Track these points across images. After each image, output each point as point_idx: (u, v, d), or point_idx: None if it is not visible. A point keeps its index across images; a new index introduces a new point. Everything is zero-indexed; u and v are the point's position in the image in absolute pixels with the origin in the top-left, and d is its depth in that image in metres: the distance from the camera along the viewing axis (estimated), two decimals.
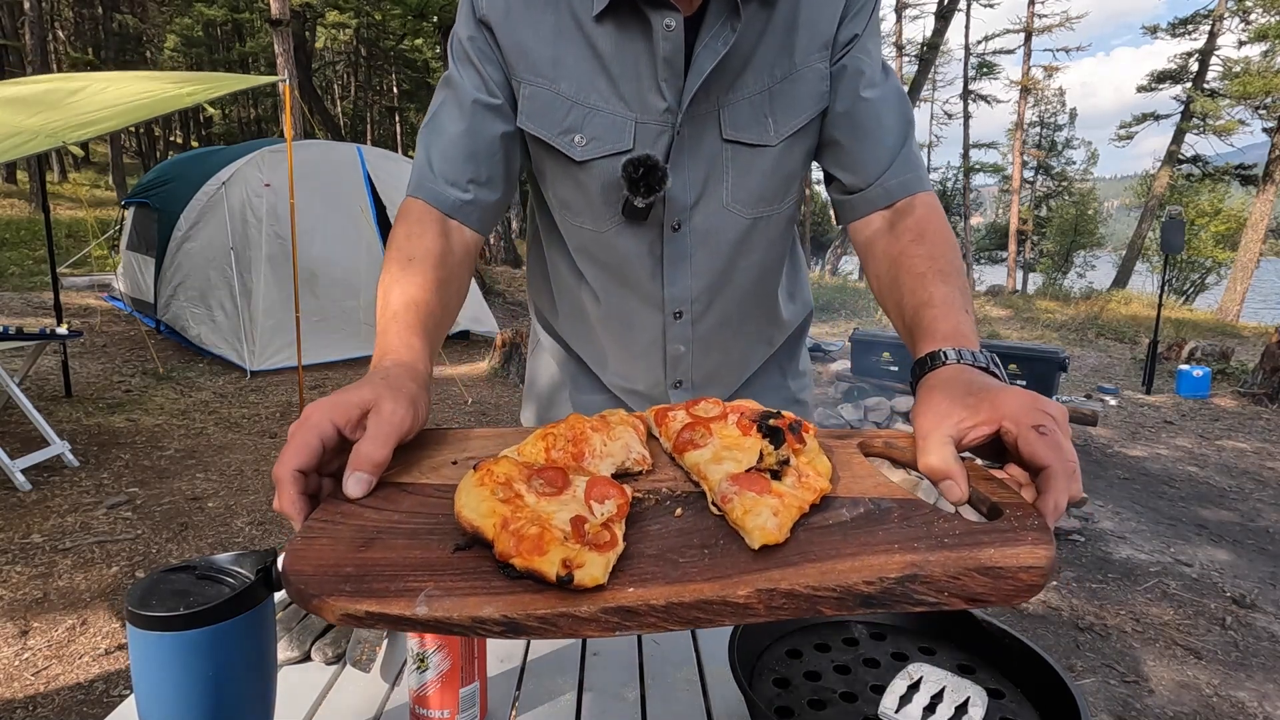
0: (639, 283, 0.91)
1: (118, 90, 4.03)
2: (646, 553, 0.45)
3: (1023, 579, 0.41)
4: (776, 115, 0.85)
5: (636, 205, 0.82)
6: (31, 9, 14.51)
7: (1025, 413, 0.51)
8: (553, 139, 0.84)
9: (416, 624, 0.42)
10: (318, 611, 0.43)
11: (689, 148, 0.85)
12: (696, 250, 0.89)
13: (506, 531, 0.44)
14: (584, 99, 0.83)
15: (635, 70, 0.81)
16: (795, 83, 0.84)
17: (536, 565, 0.43)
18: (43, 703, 2.02)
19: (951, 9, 16.36)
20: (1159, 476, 4.48)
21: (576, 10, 0.81)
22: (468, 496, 0.48)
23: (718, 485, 0.49)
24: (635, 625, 0.42)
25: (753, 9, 0.80)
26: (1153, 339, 7.07)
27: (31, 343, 4.03)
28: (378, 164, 6.58)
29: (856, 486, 0.52)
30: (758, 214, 0.89)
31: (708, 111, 0.83)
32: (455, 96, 0.85)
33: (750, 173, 0.87)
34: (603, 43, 0.81)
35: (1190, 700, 2.25)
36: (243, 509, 3.38)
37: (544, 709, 0.71)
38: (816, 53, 0.84)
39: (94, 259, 8.95)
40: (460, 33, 0.86)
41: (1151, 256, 20.98)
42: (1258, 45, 16.47)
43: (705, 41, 0.79)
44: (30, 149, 3.49)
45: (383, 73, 27.62)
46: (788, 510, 0.46)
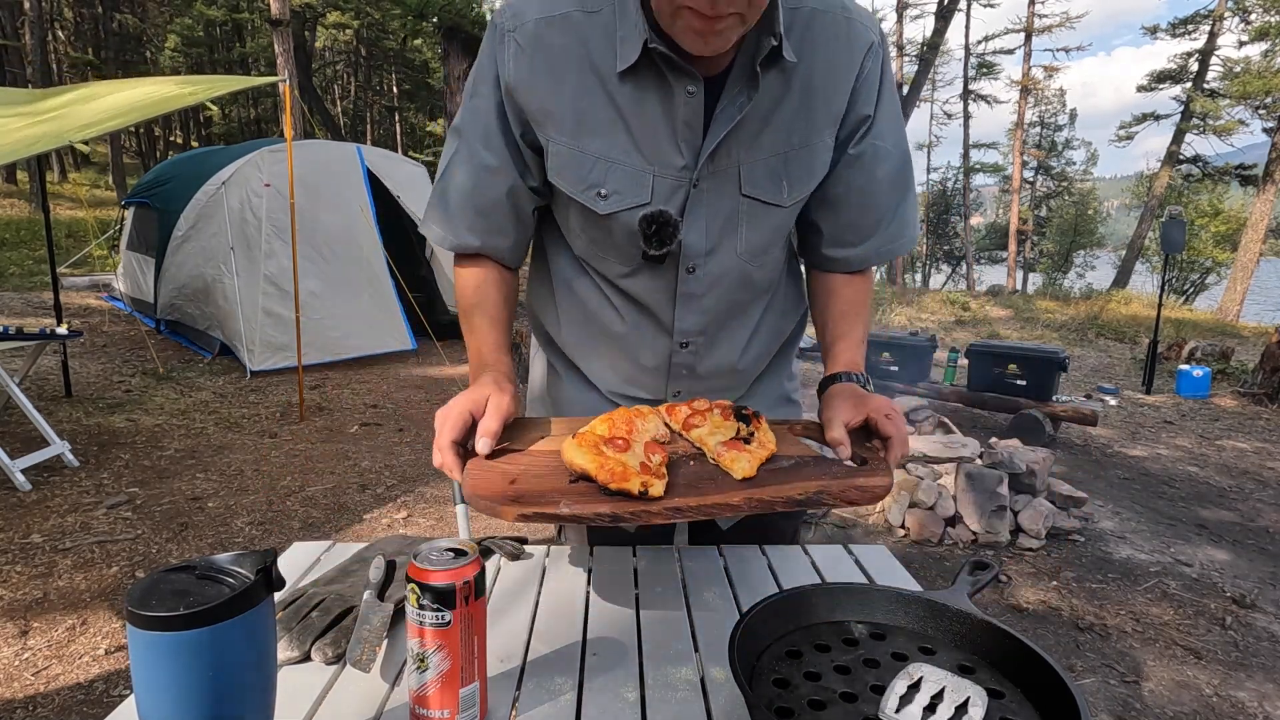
0: (653, 313, 1.00)
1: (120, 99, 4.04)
2: (679, 483, 0.78)
3: (877, 491, 0.76)
4: (791, 179, 0.92)
5: (651, 255, 0.91)
6: (31, 9, 14.51)
7: (879, 408, 0.86)
8: (578, 194, 0.91)
9: (562, 518, 0.72)
10: (501, 515, 0.71)
11: (707, 200, 0.91)
12: (708, 292, 0.98)
13: (603, 470, 0.75)
14: (606, 153, 0.88)
15: (655, 127, 0.86)
16: (809, 151, 0.91)
17: (626, 486, 0.73)
18: (43, 703, 2.02)
19: (951, 9, 16.35)
20: (1159, 476, 4.48)
21: (599, 66, 0.85)
22: (573, 452, 0.78)
23: (714, 447, 0.84)
24: (679, 516, 0.74)
25: (771, 75, 0.85)
26: (1153, 339, 7.08)
27: (31, 343, 4.03)
28: (378, 164, 6.58)
29: (790, 450, 0.88)
30: (759, 263, 0.99)
31: (727, 167, 0.89)
32: (466, 153, 0.93)
33: (761, 228, 0.95)
34: (624, 99, 0.85)
35: (1190, 700, 2.25)
36: (243, 509, 3.38)
37: (544, 709, 0.71)
38: (829, 126, 0.91)
39: (94, 259, 8.96)
40: (480, 88, 0.91)
41: (1151, 256, 20.97)
42: (1258, 45, 16.48)
43: (724, 105, 0.85)
44: (36, 150, 3.52)
45: (383, 73, 27.62)
46: (754, 459, 0.81)
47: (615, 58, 0.84)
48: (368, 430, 4.65)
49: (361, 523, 3.30)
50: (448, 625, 0.63)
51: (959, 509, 3.38)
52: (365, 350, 6.32)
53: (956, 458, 3.53)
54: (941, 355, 6.45)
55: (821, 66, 0.89)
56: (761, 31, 0.82)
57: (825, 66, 0.89)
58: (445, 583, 0.62)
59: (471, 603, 0.64)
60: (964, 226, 26.30)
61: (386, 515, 3.39)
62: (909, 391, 5.29)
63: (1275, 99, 15.11)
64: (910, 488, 3.47)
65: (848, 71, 0.90)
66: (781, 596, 0.75)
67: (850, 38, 0.90)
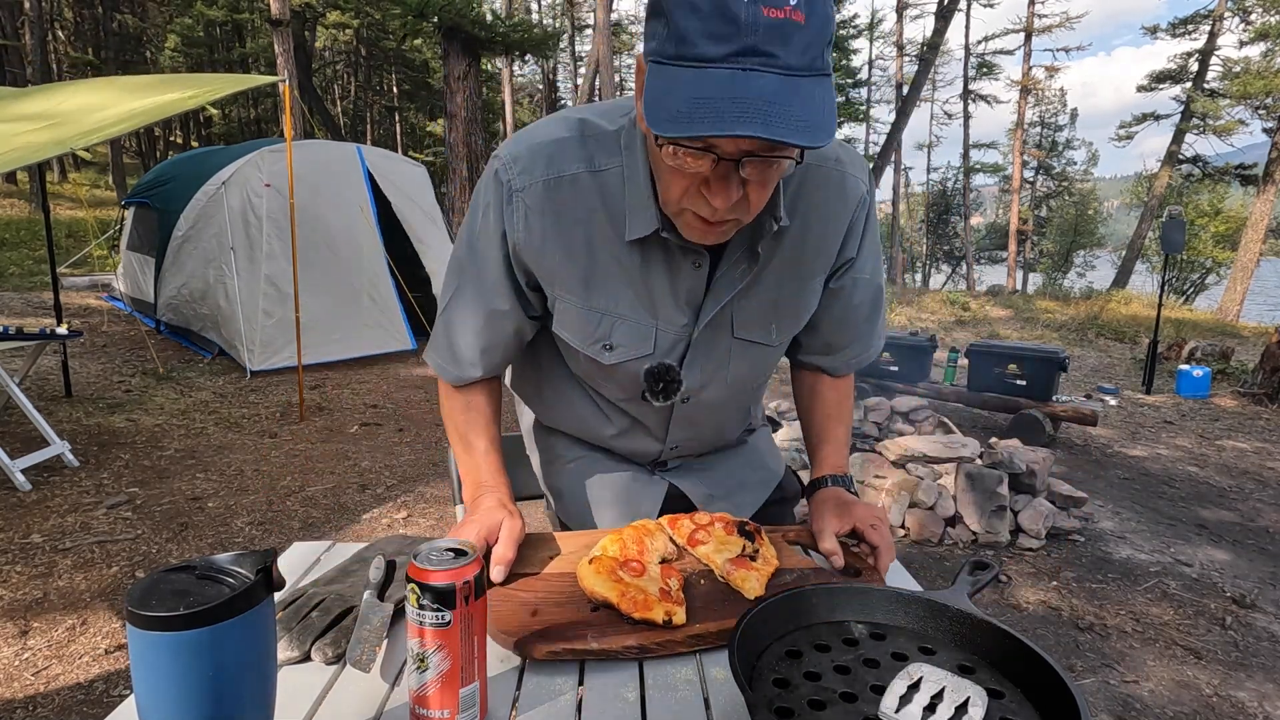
0: (645, 427, 1.07)
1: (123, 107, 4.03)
2: (695, 605, 0.82)
3: None
4: (780, 323, 0.98)
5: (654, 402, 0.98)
6: (31, 9, 14.51)
7: (865, 518, 0.94)
8: (584, 348, 0.95)
9: (592, 653, 0.75)
10: (530, 654, 0.75)
11: (703, 348, 0.97)
12: (699, 415, 1.06)
13: (626, 598, 0.79)
14: (612, 309, 0.92)
15: (659, 287, 0.90)
16: (798, 299, 0.97)
17: (650, 616, 0.77)
18: (43, 703, 2.02)
19: (951, 9, 16.35)
20: (1159, 476, 4.48)
21: (607, 230, 0.87)
22: (592, 580, 0.81)
23: (722, 565, 0.88)
24: (701, 644, 0.78)
25: (767, 242, 0.88)
26: (1153, 339, 7.07)
27: (31, 343, 4.03)
28: (378, 164, 6.57)
29: (790, 562, 0.93)
30: (748, 388, 1.08)
31: (721, 319, 0.95)
32: (473, 294, 0.94)
33: (751, 364, 1.02)
34: (630, 261, 0.89)
35: (1190, 700, 2.25)
36: (243, 509, 3.38)
37: (544, 709, 0.71)
38: (820, 274, 0.97)
39: (94, 259, 8.96)
40: (485, 235, 0.91)
41: (1151, 256, 20.96)
42: (1258, 45, 16.47)
43: (724, 271, 0.89)
44: (37, 157, 3.52)
45: (383, 73, 27.60)
46: (762, 577, 0.86)
47: (624, 223, 0.86)
48: (368, 430, 4.65)
49: (361, 523, 3.30)
50: (448, 625, 0.63)
51: (959, 509, 3.38)
52: (365, 350, 6.31)
53: (956, 458, 3.53)
54: (941, 355, 6.44)
55: (815, 221, 0.92)
56: (763, 213, 0.83)
57: (819, 221, 0.92)
58: (445, 583, 0.62)
59: (471, 603, 0.64)
60: (964, 226, 26.29)
61: (386, 515, 3.39)
62: (909, 391, 5.29)
63: (1275, 99, 15.10)
64: (910, 488, 3.47)
65: (839, 224, 0.94)
66: (781, 597, 0.75)
67: (843, 190, 0.93)
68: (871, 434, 4.38)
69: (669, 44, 0.67)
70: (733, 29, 0.63)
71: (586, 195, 0.86)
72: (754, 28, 0.62)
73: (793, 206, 0.89)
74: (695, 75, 0.65)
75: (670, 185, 0.77)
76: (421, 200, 6.89)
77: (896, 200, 26.31)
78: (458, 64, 10.19)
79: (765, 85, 0.63)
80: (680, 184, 0.75)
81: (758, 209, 0.78)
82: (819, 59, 0.66)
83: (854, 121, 25.76)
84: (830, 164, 0.91)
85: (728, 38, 0.63)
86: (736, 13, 0.62)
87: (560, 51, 28.24)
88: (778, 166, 0.73)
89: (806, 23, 0.64)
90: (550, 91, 29.65)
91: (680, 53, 0.65)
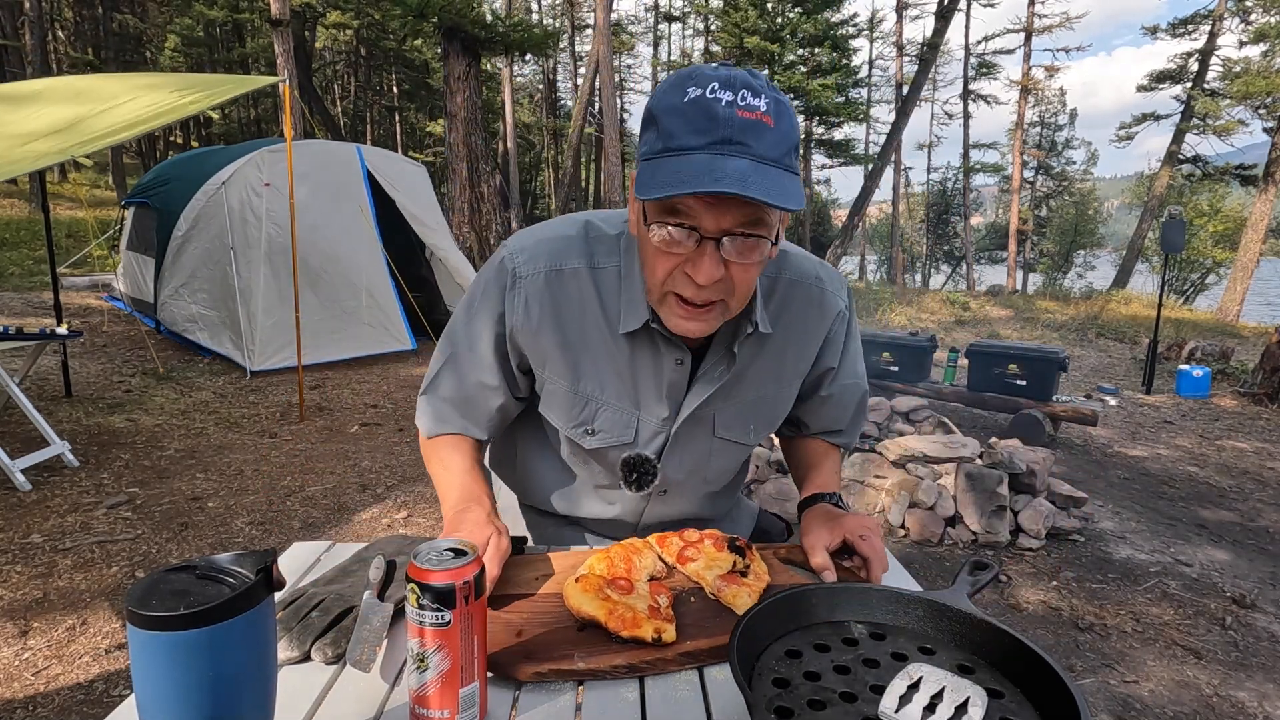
0: (623, 512, 1.10)
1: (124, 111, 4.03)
2: (686, 622, 0.81)
3: None
4: (757, 423, 1.04)
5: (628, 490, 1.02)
6: (31, 9, 14.50)
7: (854, 530, 0.93)
8: (567, 430, 1.00)
9: (579, 673, 0.73)
10: (516, 675, 0.73)
11: (683, 442, 1.01)
12: (675, 504, 1.10)
13: (614, 616, 0.76)
14: (598, 395, 0.97)
15: (644, 380, 0.97)
16: (775, 402, 1.04)
17: (638, 634, 0.75)
18: (43, 703, 2.02)
19: (951, 9, 16.34)
20: (1159, 476, 4.48)
21: (601, 322, 0.94)
22: (579, 599, 0.79)
23: (713, 582, 0.87)
24: (693, 661, 0.77)
25: (748, 344, 0.96)
26: (1153, 339, 7.07)
27: (31, 343, 4.03)
28: (378, 164, 6.57)
29: (781, 579, 0.92)
30: (726, 480, 1.14)
31: (703, 415, 1.00)
32: (465, 367, 0.99)
33: (729, 460, 1.08)
34: (620, 353, 0.95)
35: (1190, 700, 2.25)
36: (243, 509, 3.38)
37: (544, 709, 0.71)
38: (796, 379, 1.05)
39: (94, 259, 8.95)
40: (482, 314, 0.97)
41: (1151, 256, 20.95)
42: (1258, 45, 16.45)
43: (705, 371, 0.96)
44: (39, 164, 3.55)
45: (383, 73, 27.59)
46: (754, 593, 0.84)
47: (619, 317, 0.93)
48: (368, 430, 4.65)
49: (361, 523, 3.30)
50: (448, 625, 0.63)
51: (959, 509, 3.38)
52: (365, 350, 6.31)
53: (956, 458, 3.53)
54: (941, 355, 6.44)
55: (795, 333, 1.00)
56: (741, 316, 0.91)
57: (798, 333, 1.01)
58: (445, 583, 0.62)
59: (471, 603, 0.64)
60: (964, 226, 26.28)
61: (386, 515, 3.39)
62: (909, 391, 5.29)
63: (1275, 99, 15.09)
64: (910, 488, 3.47)
65: (818, 335, 1.03)
66: (781, 596, 0.75)
67: (823, 306, 1.01)
68: (871, 434, 4.38)
69: (658, 143, 0.77)
70: (712, 124, 0.73)
71: (584, 288, 0.94)
72: (730, 123, 0.73)
73: (776, 318, 0.97)
74: (680, 159, 0.75)
75: (656, 267, 0.82)
76: (422, 200, 6.89)
77: (896, 200, 26.28)
78: (458, 64, 10.18)
79: (740, 165, 0.73)
80: (665, 264, 0.81)
81: (742, 292, 0.83)
82: (787, 157, 0.76)
83: (854, 121, 25.72)
84: (811, 280, 1.00)
85: (707, 130, 0.74)
86: (715, 112, 0.73)
87: (560, 51, 28.24)
88: (757, 247, 0.79)
89: (775, 125, 0.75)
90: (550, 91, 29.65)
91: (667, 146, 0.76)
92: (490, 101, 22.71)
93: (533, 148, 29.45)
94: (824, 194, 34.32)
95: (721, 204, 0.75)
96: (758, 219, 0.77)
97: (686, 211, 0.77)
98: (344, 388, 5.59)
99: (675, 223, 0.77)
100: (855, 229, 19.68)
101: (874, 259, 31.32)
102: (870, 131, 28.47)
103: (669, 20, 28.99)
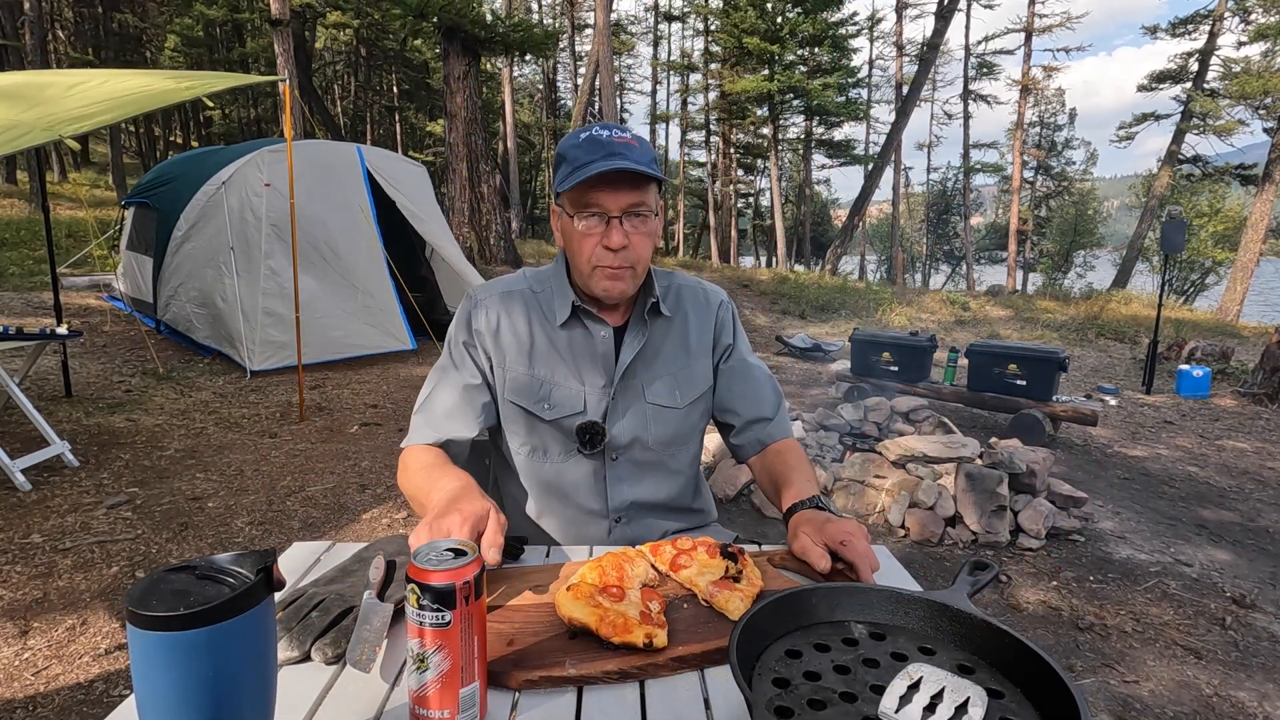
0: (588, 500, 1.27)
1: (115, 85, 3.99)
2: (678, 628, 0.81)
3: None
4: (681, 389, 1.29)
5: (585, 452, 1.24)
6: (31, 9, 14.50)
7: (835, 535, 0.97)
8: (530, 406, 1.24)
9: (570, 679, 0.73)
10: (507, 684, 0.72)
11: (622, 407, 1.25)
12: (628, 474, 1.27)
13: (605, 623, 0.77)
14: (549, 377, 1.23)
15: (583, 359, 1.24)
16: (690, 370, 1.30)
17: (629, 639, 0.76)
18: (43, 703, 2.02)
19: (951, 9, 16.34)
20: (1159, 476, 4.48)
21: (544, 319, 1.25)
22: (570, 606, 0.79)
23: (705, 588, 0.88)
24: (684, 666, 0.77)
25: (658, 324, 1.28)
26: (1153, 339, 7.08)
27: (31, 343, 4.03)
28: (378, 164, 6.57)
29: (775, 584, 0.93)
30: (672, 451, 1.30)
31: (636, 385, 1.26)
32: (453, 380, 1.24)
33: (666, 424, 1.28)
34: (560, 340, 1.24)
35: (1190, 700, 2.25)
36: (243, 509, 3.38)
37: (544, 709, 0.71)
38: (702, 353, 1.32)
39: (94, 259, 8.95)
40: (458, 336, 1.26)
41: (1151, 256, 20.97)
42: (1258, 45, 16.46)
43: (627, 341, 1.25)
44: (26, 143, 3.42)
45: (383, 73, 27.58)
46: (747, 599, 0.85)
47: (555, 315, 1.23)
48: (368, 430, 4.65)
49: (361, 523, 3.30)
50: (448, 625, 0.63)
51: (959, 509, 3.38)
52: (365, 350, 6.31)
53: (956, 458, 3.53)
54: (941, 355, 6.45)
55: (692, 317, 1.31)
56: (646, 294, 1.25)
57: (694, 316, 1.31)
58: (445, 583, 0.62)
59: (471, 603, 0.64)
60: (964, 226, 26.28)
61: (386, 515, 3.39)
62: (909, 391, 5.29)
63: (1275, 99, 15.09)
64: (910, 488, 3.47)
65: (709, 316, 1.33)
66: (781, 596, 0.75)
67: (707, 298, 1.35)
68: (871, 434, 4.38)
69: (567, 168, 1.13)
70: (600, 148, 1.12)
71: (528, 300, 1.26)
72: (611, 145, 1.12)
73: (674, 308, 1.30)
74: (584, 169, 1.10)
75: (582, 250, 1.16)
76: (422, 200, 6.89)
77: (896, 200, 26.28)
78: (458, 64, 10.18)
79: (624, 163, 1.09)
80: (589, 245, 1.14)
81: (643, 255, 1.17)
82: (652, 164, 1.13)
83: (854, 121, 25.72)
84: (695, 284, 1.36)
85: (597, 150, 1.11)
86: (600, 139, 1.13)
87: (560, 51, 28.23)
88: (646, 222, 1.15)
89: (639, 146, 1.14)
90: (550, 91, 29.65)
91: (574, 167, 1.12)
92: (490, 101, 22.70)
93: (533, 148, 29.45)
94: (824, 194, 34.31)
95: (617, 191, 1.11)
96: (642, 201, 1.13)
97: (594, 203, 1.12)
98: (344, 388, 5.59)
99: (589, 212, 1.13)
100: (855, 229, 19.68)
101: (874, 259, 31.33)
102: (870, 131, 28.49)
103: (669, 20, 28.98)
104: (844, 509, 3.62)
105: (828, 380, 6.38)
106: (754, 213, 32.17)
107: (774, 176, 22.92)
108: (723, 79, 23.10)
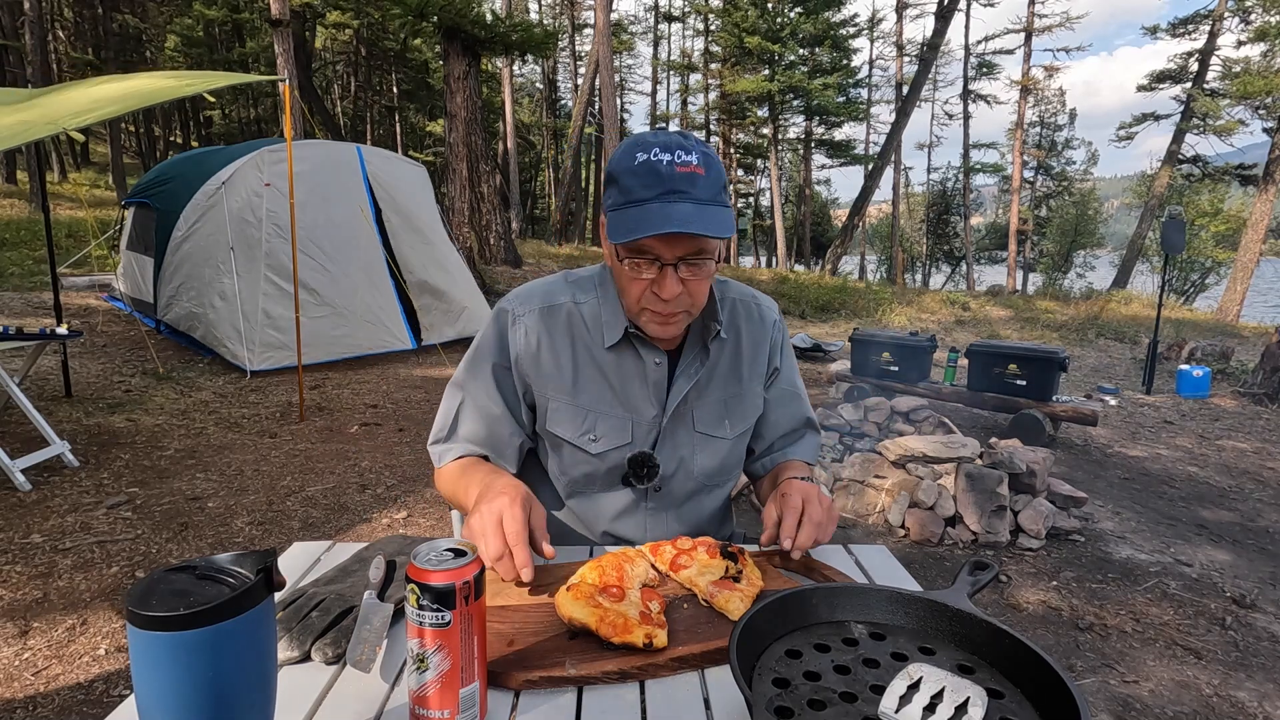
0: (625, 530, 1.18)
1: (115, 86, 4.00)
2: (678, 629, 0.81)
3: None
4: (731, 419, 1.19)
5: (635, 485, 1.15)
6: (31, 9, 14.50)
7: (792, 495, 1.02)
8: (573, 439, 1.13)
9: (570, 680, 0.73)
10: (507, 684, 0.72)
11: (669, 438, 1.15)
12: (671, 506, 1.19)
13: (605, 623, 0.77)
14: (596, 406, 1.12)
15: (632, 387, 1.13)
16: (742, 399, 1.20)
17: (630, 639, 0.76)
18: (43, 703, 2.02)
19: (951, 9, 16.34)
20: (1159, 476, 4.48)
21: (589, 343, 1.12)
22: (570, 606, 0.79)
23: (705, 588, 0.87)
24: (684, 666, 0.77)
25: (713, 346, 1.14)
26: (1153, 339, 7.07)
27: (31, 343, 4.03)
28: (377, 164, 6.57)
29: (774, 584, 0.93)
30: (715, 483, 1.23)
31: (684, 413, 1.16)
32: (474, 404, 1.13)
33: (713, 455, 1.19)
34: (608, 365, 1.12)
35: (1190, 700, 2.25)
36: (243, 509, 3.38)
37: (544, 709, 0.71)
38: (755, 380, 1.21)
39: (94, 259, 8.95)
40: (489, 355, 1.13)
41: (1151, 256, 20.96)
42: (1258, 45, 16.46)
43: (682, 369, 1.14)
44: (29, 136, 3.43)
45: (383, 73, 27.58)
46: (747, 599, 0.85)
47: (602, 335, 1.11)
48: (368, 430, 4.65)
49: (361, 523, 3.30)
50: (447, 625, 0.63)
51: (959, 509, 3.38)
52: (365, 350, 6.31)
53: (956, 458, 3.53)
54: (941, 355, 6.45)
55: (745, 339, 1.20)
56: (707, 318, 1.13)
57: (747, 338, 1.20)
58: (445, 583, 0.62)
59: (471, 603, 0.64)
60: (964, 226, 26.28)
61: (386, 515, 3.39)
62: (909, 391, 5.29)
63: (1275, 99, 15.09)
64: (910, 488, 3.47)
65: (763, 340, 1.22)
66: (781, 596, 0.75)
67: (761, 316, 1.23)
68: (871, 434, 4.38)
69: (620, 198, 0.99)
70: (658, 180, 0.95)
71: (572, 317, 1.13)
72: (671, 178, 0.95)
73: (729, 326, 1.17)
74: (638, 210, 0.96)
75: (630, 291, 1.03)
76: (421, 200, 6.89)
77: (896, 200, 26.29)
78: (458, 64, 10.18)
79: (684, 208, 0.94)
80: (637, 288, 1.02)
81: (699, 300, 1.05)
82: (719, 196, 0.98)
83: (854, 121, 25.72)
84: (749, 298, 1.24)
85: (655, 185, 0.96)
86: (659, 170, 0.96)
87: (560, 51, 28.23)
88: (704, 267, 1.01)
89: (706, 173, 0.97)
90: (550, 91, 29.65)
91: (627, 200, 0.97)
92: (490, 101, 22.70)
93: (533, 148, 29.46)
94: (824, 194, 34.29)
95: (674, 240, 0.97)
96: (701, 248, 0.99)
97: (649, 248, 0.98)
98: (344, 388, 5.59)
99: (641, 258, 0.99)
100: (855, 229, 19.67)
101: (874, 259, 31.32)
102: (870, 131, 28.50)
103: (669, 20, 29.00)
104: (844, 509, 3.62)
105: (828, 380, 6.38)
106: (754, 213, 32.20)
107: (774, 176, 22.93)
108: (723, 79, 23.12)
